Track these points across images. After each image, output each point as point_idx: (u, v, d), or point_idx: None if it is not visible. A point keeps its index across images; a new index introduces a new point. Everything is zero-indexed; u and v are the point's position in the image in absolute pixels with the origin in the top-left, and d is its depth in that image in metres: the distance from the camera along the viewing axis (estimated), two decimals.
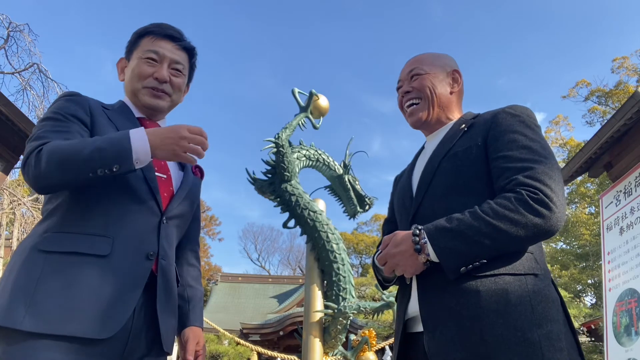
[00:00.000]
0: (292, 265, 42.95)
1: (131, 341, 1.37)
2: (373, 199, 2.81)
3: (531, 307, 1.24)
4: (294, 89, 2.48)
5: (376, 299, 14.96)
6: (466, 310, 1.26)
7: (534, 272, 1.30)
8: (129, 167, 1.32)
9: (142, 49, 1.63)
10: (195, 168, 1.72)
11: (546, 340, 1.21)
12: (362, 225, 42.48)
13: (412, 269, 1.35)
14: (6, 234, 13.23)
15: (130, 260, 1.38)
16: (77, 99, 1.51)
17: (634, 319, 4.55)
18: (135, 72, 1.62)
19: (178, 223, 1.58)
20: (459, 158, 1.44)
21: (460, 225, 1.28)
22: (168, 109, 1.70)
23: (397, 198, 1.67)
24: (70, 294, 1.27)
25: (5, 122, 5.22)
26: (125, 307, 1.33)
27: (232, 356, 17.20)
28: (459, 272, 1.27)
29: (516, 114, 1.44)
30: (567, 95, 24.68)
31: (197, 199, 1.71)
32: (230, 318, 22.21)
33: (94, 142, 1.32)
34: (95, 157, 1.30)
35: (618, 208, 5.12)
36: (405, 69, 1.68)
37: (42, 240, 1.35)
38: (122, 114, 1.59)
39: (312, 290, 2.22)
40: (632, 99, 4.75)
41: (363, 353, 2.40)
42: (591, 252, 20.28)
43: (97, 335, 1.27)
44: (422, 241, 1.31)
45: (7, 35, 10.44)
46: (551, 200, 1.26)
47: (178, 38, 1.67)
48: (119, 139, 1.33)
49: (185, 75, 1.70)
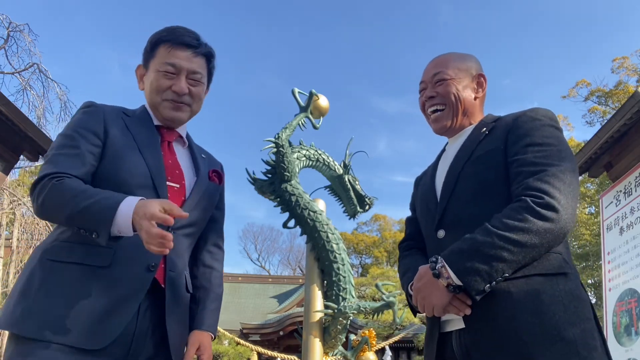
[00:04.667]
0: (292, 265, 42.98)
1: (135, 344, 1.38)
2: (373, 199, 2.81)
3: (564, 306, 1.24)
4: (293, 89, 2.47)
5: (376, 299, 14.94)
6: (500, 310, 1.26)
7: (564, 272, 1.30)
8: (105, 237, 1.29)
9: (158, 61, 1.59)
10: (213, 173, 1.71)
11: (581, 339, 1.21)
12: (362, 225, 42.55)
13: (438, 300, 1.31)
14: (6, 234, 13.22)
15: (129, 271, 1.38)
16: (92, 110, 1.53)
17: (634, 319, 4.55)
18: (153, 85, 1.60)
19: (189, 232, 1.57)
20: (482, 162, 1.44)
21: (474, 244, 1.26)
22: (188, 119, 1.69)
23: (420, 201, 1.66)
24: (67, 304, 1.30)
25: (5, 122, 5.21)
26: (120, 319, 1.34)
27: (232, 356, 17.19)
28: (483, 291, 1.25)
29: (537, 118, 1.42)
30: (567, 95, 24.69)
31: (213, 205, 1.69)
32: (230, 318, 22.20)
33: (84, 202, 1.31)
34: (77, 218, 1.32)
35: (618, 208, 5.12)
36: (429, 70, 1.64)
37: (50, 248, 1.39)
38: (141, 122, 1.59)
39: (312, 290, 2.22)
40: (632, 99, 4.74)
41: (363, 353, 2.39)
42: (591, 252, 20.26)
43: (87, 346, 1.28)
44: (439, 266, 1.29)
45: (7, 35, 10.45)
46: (558, 202, 1.25)
47: (194, 45, 1.61)
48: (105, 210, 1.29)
49: (204, 83, 1.68)
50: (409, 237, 1.72)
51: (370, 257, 40.13)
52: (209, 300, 1.64)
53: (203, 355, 1.55)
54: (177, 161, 1.61)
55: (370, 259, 40.04)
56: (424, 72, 1.66)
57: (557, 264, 1.30)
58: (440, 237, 1.45)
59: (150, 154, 1.52)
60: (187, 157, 1.68)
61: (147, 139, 1.55)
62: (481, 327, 1.28)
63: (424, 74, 1.66)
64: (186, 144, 1.71)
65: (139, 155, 1.49)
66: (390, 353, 15.61)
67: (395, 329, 16.32)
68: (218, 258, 1.74)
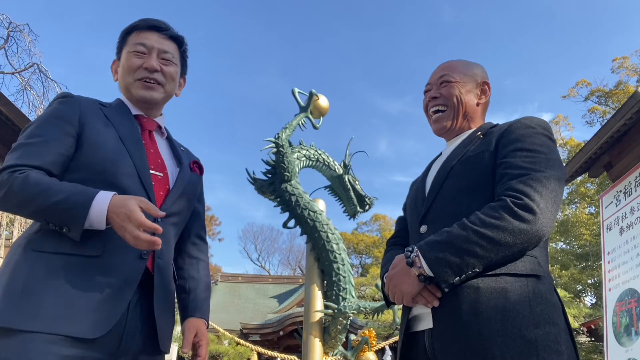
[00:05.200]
0: (292, 265, 42.99)
1: (126, 337, 1.37)
2: (373, 199, 2.81)
3: (529, 307, 1.25)
4: (294, 89, 2.48)
5: (376, 299, 14.96)
6: (466, 305, 1.28)
7: (536, 274, 1.31)
8: (78, 233, 1.30)
9: (129, 44, 1.62)
10: (194, 164, 1.71)
11: (543, 341, 1.22)
12: (362, 225, 42.54)
13: (408, 288, 1.34)
14: (6, 234, 13.22)
15: (122, 260, 1.37)
16: (68, 101, 1.51)
17: (634, 319, 4.55)
18: (125, 66, 1.61)
19: (175, 221, 1.58)
20: (471, 162, 1.46)
21: (449, 236, 1.29)
22: (162, 101, 1.68)
23: (410, 200, 1.69)
24: (62, 294, 1.28)
25: (5, 122, 5.22)
26: (117, 307, 1.33)
27: (232, 356, 17.19)
28: (453, 284, 1.28)
29: (531, 126, 1.44)
30: (567, 95, 24.70)
31: (196, 196, 1.70)
32: (230, 318, 22.20)
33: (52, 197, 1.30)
34: (46, 214, 1.30)
35: (618, 208, 5.12)
36: (436, 73, 1.69)
37: (35, 239, 1.36)
38: (119, 112, 1.58)
39: (312, 290, 2.22)
40: (632, 99, 4.74)
41: (363, 353, 2.39)
42: (591, 252, 20.27)
43: (87, 335, 1.27)
44: (413, 255, 1.33)
45: (7, 35, 10.46)
46: (537, 205, 1.27)
47: (164, 28, 1.66)
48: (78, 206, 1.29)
49: (176, 64, 1.69)
50: (397, 235, 1.76)
51: (370, 257, 40.14)
52: (200, 289, 1.66)
53: (201, 341, 1.56)
54: (158, 150, 1.62)
55: (370, 259, 40.05)
56: (431, 75, 1.71)
57: (529, 267, 1.31)
58: (422, 232, 1.48)
59: (132, 142, 1.51)
60: (167, 147, 1.69)
61: (128, 127, 1.55)
62: (447, 322, 1.31)
63: (431, 76, 1.71)
64: (165, 135, 1.72)
65: (121, 143, 1.48)
66: (390, 353, 15.60)
67: (395, 329, 16.31)
68: (202, 250, 1.76)
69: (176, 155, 1.68)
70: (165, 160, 1.61)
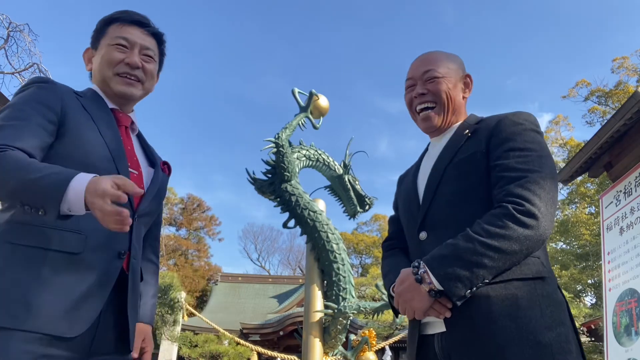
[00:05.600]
0: (292, 265, 42.97)
1: (98, 338, 1.36)
2: (373, 199, 2.81)
3: (540, 311, 1.27)
4: (293, 89, 2.48)
5: (376, 299, 14.95)
6: (479, 314, 1.28)
7: (542, 276, 1.33)
8: (54, 214, 1.20)
9: (110, 36, 1.59)
10: (164, 165, 1.69)
11: (557, 343, 1.24)
12: (362, 225, 42.52)
13: (419, 304, 1.33)
14: None
15: (102, 258, 1.36)
16: (49, 87, 1.46)
17: (634, 319, 4.55)
18: (105, 59, 1.57)
19: (146, 221, 1.57)
20: (463, 165, 1.45)
21: (456, 249, 1.29)
22: (140, 98, 1.66)
23: (402, 201, 1.67)
24: (39, 290, 1.25)
25: None
26: (94, 306, 1.32)
27: (232, 356, 17.18)
28: (464, 297, 1.28)
29: (519, 122, 1.44)
30: (567, 95, 24.69)
31: (164, 196, 1.69)
32: (230, 318, 22.19)
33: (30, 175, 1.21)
34: (22, 193, 1.22)
35: (618, 208, 5.12)
36: (417, 67, 1.63)
37: (8, 230, 1.30)
38: (95, 104, 1.54)
39: (312, 290, 2.22)
40: (632, 99, 4.74)
41: (363, 353, 2.39)
42: (591, 252, 20.25)
43: (64, 334, 1.25)
44: (421, 271, 1.31)
45: (7, 35, 10.45)
46: (538, 209, 1.28)
47: (146, 24, 1.64)
48: (56, 184, 1.19)
49: (156, 61, 1.67)
50: (392, 237, 1.74)
51: (370, 257, 40.12)
52: (150, 294, 1.66)
53: (147, 347, 1.58)
54: (133, 147, 1.60)
55: (370, 259, 40.04)
56: (412, 69, 1.66)
57: (535, 269, 1.32)
58: (422, 239, 1.48)
59: (111, 137, 1.48)
60: (138, 144, 1.67)
61: (106, 122, 1.51)
62: (461, 330, 1.31)
63: (411, 70, 1.66)
64: (136, 131, 1.69)
65: (101, 138, 1.45)
66: (390, 353, 15.61)
67: (395, 329, 16.31)
68: (157, 253, 1.75)
69: (147, 153, 1.66)
70: (139, 157, 1.59)
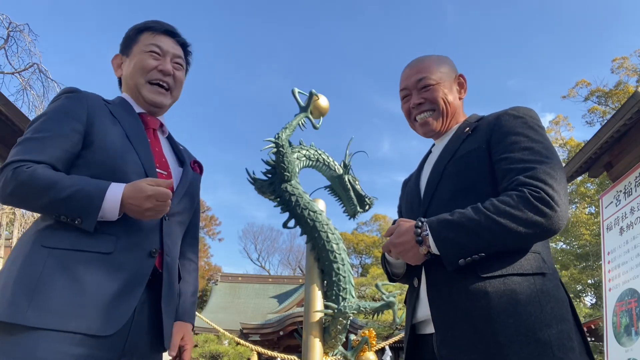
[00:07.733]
0: (292, 265, 42.97)
1: (132, 336, 1.37)
2: (373, 199, 2.81)
3: (540, 307, 1.25)
4: (293, 89, 2.47)
5: (376, 299, 14.96)
6: (477, 311, 1.27)
7: (542, 272, 1.31)
8: (92, 224, 1.32)
9: (143, 43, 1.64)
10: (194, 163, 1.72)
11: (557, 340, 1.22)
12: (362, 225, 42.57)
13: (413, 260, 1.39)
14: (6, 234, 13.23)
15: (133, 257, 1.38)
16: (75, 96, 1.51)
17: (634, 319, 4.55)
18: (138, 65, 1.62)
19: (180, 219, 1.59)
20: (463, 162, 1.45)
21: (462, 218, 1.30)
22: (168, 106, 1.71)
23: (405, 202, 1.69)
24: (74, 291, 1.28)
25: (5, 122, 5.22)
26: (128, 304, 1.34)
27: (232, 356, 17.18)
28: (457, 264, 1.28)
29: (519, 116, 1.44)
30: (567, 95, 24.68)
31: (197, 195, 1.72)
32: (230, 318, 22.21)
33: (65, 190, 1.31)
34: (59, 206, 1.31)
35: (618, 208, 5.12)
36: (410, 75, 1.63)
37: (44, 235, 1.35)
38: (124, 110, 1.59)
39: (312, 290, 2.22)
40: (632, 99, 4.74)
41: (363, 353, 2.39)
42: (591, 252, 20.25)
43: (100, 332, 1.27)
44: (424, 233, 1.33)
45: (7, 35, 10.45)
46: (553, 199, 1.26)
47: (177, 34, 1.71)
48: (90, 199, 1.32)
49: (184, 69, 1.73)
50: None
51: (370, 257, 40.11)
52: (190, 293, 1.67)
53: (187, 345, 1.58)
54: (162, 149, 1.63)
55: (370, 259, 40.02)
56: (405, 78, 1.65)
57: (535, 264, 1.31)
58: None
59: (138, 140, 1.52)
60: (168, 145, 1.71)
61: (134, 125, 1.56)
62: (458, 328, 1.29)
63: (404, 80, 1.65)
64: (166, 133, 1.73)
65: (128, 141, 1.49)
66: (390, 353, 15.63)
67: (395, 329, 16.32)
68: (196, 251, 1.78)
69: (177, 154, 1.70)
70: (168, 158, 1.62)
